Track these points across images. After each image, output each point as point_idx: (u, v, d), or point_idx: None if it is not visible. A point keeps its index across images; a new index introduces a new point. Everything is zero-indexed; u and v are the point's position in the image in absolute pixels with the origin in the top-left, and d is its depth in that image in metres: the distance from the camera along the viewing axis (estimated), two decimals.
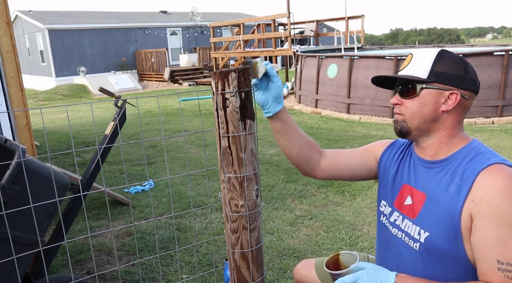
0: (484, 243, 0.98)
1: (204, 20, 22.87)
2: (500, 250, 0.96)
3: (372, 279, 1.03)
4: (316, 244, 2.98)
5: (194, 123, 8.45)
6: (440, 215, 1.08)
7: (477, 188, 1.02)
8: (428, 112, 1.11)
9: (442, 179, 1.11)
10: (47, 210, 1.87)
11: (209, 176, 4.72)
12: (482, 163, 1.05)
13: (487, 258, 0.98)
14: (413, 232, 1.15)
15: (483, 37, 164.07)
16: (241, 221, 1.15)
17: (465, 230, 1.03)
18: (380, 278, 1.03)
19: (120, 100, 2.58)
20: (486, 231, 0.98)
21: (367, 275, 1.03)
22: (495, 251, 0.96)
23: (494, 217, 0.97)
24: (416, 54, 1.15)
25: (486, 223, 0.98)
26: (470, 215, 1.02)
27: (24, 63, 21.21)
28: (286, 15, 11.66)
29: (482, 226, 0.99)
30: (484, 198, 0.99)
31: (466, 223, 1.03)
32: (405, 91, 1.14)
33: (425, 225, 1.11)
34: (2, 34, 3.99)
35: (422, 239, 1.12)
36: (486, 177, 1.01)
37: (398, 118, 1.16)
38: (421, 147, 1.19)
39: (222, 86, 1.07)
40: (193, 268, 2.71)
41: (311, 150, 1.33)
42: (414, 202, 1.17)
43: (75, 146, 6.58)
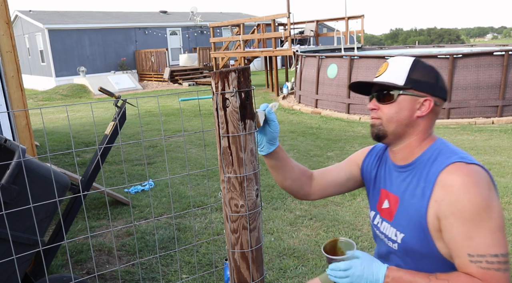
0: (454, 241, 1.06)
1: (204, 20, 22.87)
2: (467, 244, 1.03)
3: (365, 269, 1.10)
4: (316, 244, 2.98)
5: (194, 123, 8.45)
6: (410, 217, 1.15)
7: (438, 190, 1.09)
8: (404, 117, 1.17)
9: (410, 182, 1.18)
10: (47, 210, 1.87)
11: (209, 176, 4.72)
12: (442, 163, 1.11)
13: (459, 253, 1.05)
14: (391, 233, 1.23)
15: (483, 37, 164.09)
16: (241, 221, 1.15)
17: (434, 231, 1.10)
18: (372, 268, 1.10)
19: (120, 100, 2.58)
20: (453, 229, 1.05)
21: (360, 264, 1.10)
22: (464, 246, 1.04)
23: (456, 215, 1.04)
24: (392, 62, 1.21)
25: (451, 221, 1.05)
26: (437, 216, 1.08)
27: (24, 63, 21.21)
28: (286, 15, 11.66)
29: (448, 224, 1.06)
30: (445, 198, 1.06)
31: (433, 224, 1.10)
32: (382, 97, 1.19)
33: (400, 227, 1.19)
34: (2, 34, 3.99)
35: (399, 240, 1.19)
36: (445, 177, 1.08)
37: (376, 123, 1.21)
38: (393, 151, 1.25)
39: (222, 86, 1.07)
40: (193, 268, 2.71)
41: (303, 177, 1.39)
42: (390, 206, 1.24)
43: (75, 146, 6.58)
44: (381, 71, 1.21)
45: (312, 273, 2.61)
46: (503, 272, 1.02)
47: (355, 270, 1.10)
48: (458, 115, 7.48)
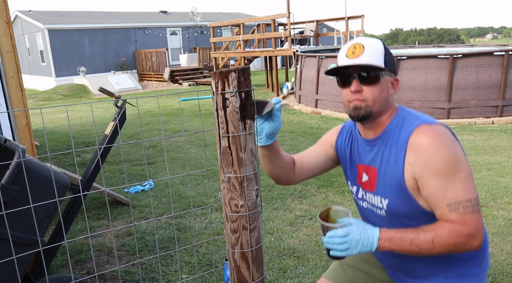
0: (432, 196, 1.17)
1: (204, 20, 22.86)
2: (444, 196, 1.15)
3: (362, 234, 1.17)
4: (316, 244, 2.98)
5: (194, 123, 8.45)
6: (390, 184, 1.25)
7: (409, 153, 1.20)
8: (384, 96, 1.25)
9: (383, 152, 1.27)
10: (47, 210, 1.87)
11: (209, 176, 4.72)
12: (409, 128, 1.22)
13: (439, 206, 1.17)
14: (376, 202, 1.32)
15: (483, 37, 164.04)
16: (241, 221, 1.15)
17: (413, 191, 1.21)
18: (367, 232, 1.18)
19: (120, 100, 2.58)
20: (429, 186, 1.17)
21: (357, 229, 1.17)
22: (442, 198, 1.16)
23: (429, 173, 1.16)
24: (366, 44, 1.25)
25: (426, 179, 1.17)
26: (413, 177, 1.19)
27: (24, 63, 21.21)
28: (286, 15, 11.66)
29: (424, 183, 1.17)
30: (417, 159, 1.17)
31: (412, 185, 1.21)
32: (367, 78, 1.23)
33: (383, 194, 1.29)
34: (2, 34, 3.99)
35: (385, 206, 1.29)
36: (414, 140, 1.19)
37: (361, 105, 1.24)
38: (365, 128, 1.32)
39: (222, 86, 1.07)
40: (193, 268, 2.71)
41: (289, 166, 1.45)
42: (370, 177, 1.33)
43: (75, 146, 6.58)
44: (358, 53, 1.23)
45: (312, 273, 2.61)
46: (478, 213, 1.15)
47: (353, 236, 1.16)
48: (458, 115, 7.48)
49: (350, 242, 1.16)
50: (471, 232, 1.13)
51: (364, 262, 1.56)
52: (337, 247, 1.17)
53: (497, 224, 3.19)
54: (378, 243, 1.17)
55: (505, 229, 3.10)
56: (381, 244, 1.18)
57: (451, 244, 1.14)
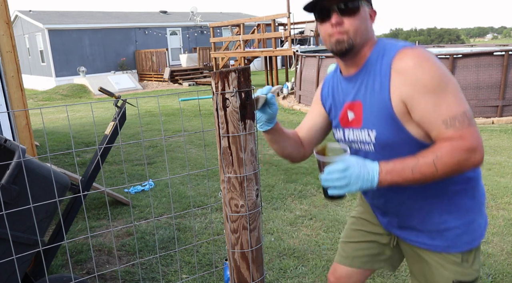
0: (425, 116, 1.13)
1: (204, 20, 22.86)
2: (439, 113, 1.11)
3: (361, 168, 1.11)
4: (316, 244, 2.98)
5: (194, 123, 8.45)
6: (377, 112, 1.21)
7: (395, 77, 1.15)
8: (365, 27, 1.23)
9: (367, 82, 1.23)
10: (47, 210, 1.87)
11: (209, 176, 4.72)
12: (390, 54, 1.18)
13: (435, 125, 1.12)
14: (364, 137, 1.27)
15: (483, 37, 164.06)
16: (241, 221, 1.15)
17: (402, 116, 1.17)
18: (367, 167, 1.12)
19: (120, 100, 2.58)
20: (421, 106, 1.13)
21: (357, 163, 1.12)
22: (436, 116, 1.11)
23: (420, 91, 1.12)
24: None
25: (417, 99, 1.13)
26: (402, 100, 1.15)
27: (24, 63, 21.21)
28: (286, 15, 11.66)
29: (416, 104, 1.13)
30: (405, 81, 1.13)
31: (400, 109, 1.16)
32: (346, 9, 1.20)
33: (370, 126, 1.24)
34: (2, 34, 3.99)
35: (373, 139, 1.25)
36: (398, 63, 1.15)
37: (343, 38, 1.21)
38: (347, 65, 1.29)
39: (222, 86, 1.07)
40: (193, 268, 2.71)
41: (297, 142, 1.45)
42: (356, 113, 1.28)
43: (75, 146, 6.58)
44: None
45: (312, 273, 2.61)
46: (473, 126, 1.11)
47: (353, 170, 1.10)
48: None
49: (350, 177, 1.10)
50: (472, 145, 1.08)
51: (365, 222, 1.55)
52: (336, 184, 1.11)
53: (497, 224, 3.19)
54: (379, 177, 1.11)
55: (505, 229, 3.10)
56: (382, 178, 1.11)
57: (454, 162, 1.08)
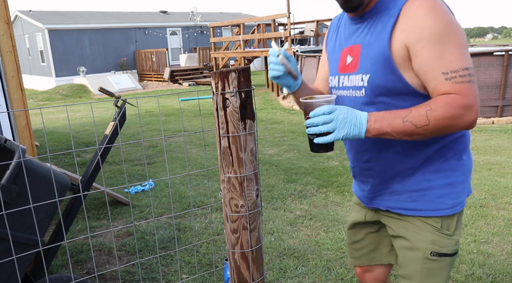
0: (426, 65, 1.08)
1: (204, 20, 22.86)
2: (440, 64, 1.06)
3: (349, 111, 1.08)
4: (316, 244, 2.98)
5: (194, 123, 8.45)
6: (373, 54, 1.16)
7: (403, 18, 1.10)
8: None
9: (372, 25, 1.19)
10: (47, 210, 1.87)
11: (209, 176, 4.72)
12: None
13: (433, 76, 1.08)
14: (357, 82, 1.22)
15: (483, 37, 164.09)
16: (241, 221, 1.15)
17: (401, 61, 1.11)
18: (355, 112, 1.09)
19: (120, 100, 2.58)
20: (423, 53, 1.08)
21: (343, 107, 1.09)
22: (437, 66, 1.07)
23: (426, 38, 1.07)
24: None
25: (421, 45, 1.08)
26: (405, 44, 1.10)
27: (24, 63, 21.21)
28: (286, 15, 11.66)
29: (419, 50, 1.08)
30: (413, 25, 1.08)
31: (401, 54, 1.11)
32: None
33: (365, 69, 1.19)
34: (2, 34, 3.99)
35: (366, 83, 1.19)
36: (410, 7, 1.10)
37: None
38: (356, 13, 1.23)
39: (222, 86, 1.07)
40: (193, 268, 2.71)
41: None
42: (353, 57, 1.24)
43: (75, 146, 6.58)
44: None
45: (312, 273, 2.61)
46: (473, 83, 1.07)
47: (339, 113, 1.07)
48: None
49: (336, 120, 1.06)
50: (468, 102, 1.05)
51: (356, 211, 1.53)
52: (322, 128, 1.08)
53: (497, 224, 3.19)
54: (367, 124, 1.08)
55: (505, 229, 3.10)
56: (371, 126, 1.08)
57: (447, 117, 1.04)
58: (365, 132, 1.08)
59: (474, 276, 2.49)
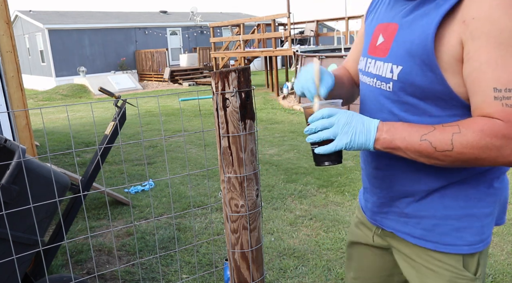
0: (478, 71, 0.81)
1: (204, 20, 22.86)
2: (497, 75, 0.78)
3: (354, 116, 0.90)
4: (316, 244, 2.98)
5: (194, 123, 8.45)
6: (412, 43, 0.89)
7: (469, 7, 0.81)
8: None
9: (420, 3, 0.91)
10: (47, 210, 1.87)
11: (209, 176, 4.72)
12: None
13: (482, 88, 0.81)
14: (384, 72, 0.97)
15: None
16: (241, 221, 1.15)
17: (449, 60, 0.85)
18: (362, 118, 0.90)
19: (120, 100, 2.58)
20: (481, 54, 0.80)
21: (345, 112, 0.90)
22: (491, 76, 0.79)
23: (490, 35, 0.79)
24: None
25: (480, 44, 0.80)
26: (461, 39, 0.83)
27: (24, 63, 21.22)
28: (286, 15, 11.66)
29: (476, 49, 0.81)
30: (480, 15, 0.80)
31: (452, 52, 0.84)
32: None
33: (397, 59, 0.93)
34: (2, 34, 3.99)
35: (395, 76, 0.94)
36: None
37: None
38: None
39: (222, 86, 1.07)
40: (193, 268, 2.71)
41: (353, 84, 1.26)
42: (386, 38, 0.98)
43: (75, 146, 6.58)
44: None
45: (312, 273, 2.61)
46: None
47: (341, 116, 0.89)
48: None
49: (337, 125, 0.89)
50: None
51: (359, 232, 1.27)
52: (321, 135, 0.91)
53: None
54: (377, 133, 0.88)
55: (505, 229, 3.10)
56: (381, 135, 0.87)
57: (480, 145, 0.80)
58: (374, 142, 0.88)
59: None
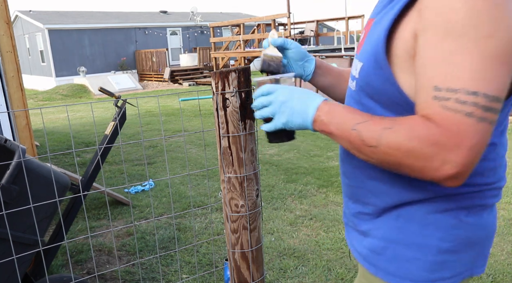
0: (423, 67, 0.68)
1: (204, 20, 22.87)
2: (441, 72, 0.65)
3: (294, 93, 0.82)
4: (316, 244, 2.98)
5: (194, 123, 8.45)
6: (375, 37, 0.78)
7: None
8: None
9: None
10: (47, 210, 1.87)
11: (209, 176, 4.72)
12: None
13: (424, 85, 0.68)
14: (354, 69, 0.88)
15: None
16: (241, 221, 1.15)
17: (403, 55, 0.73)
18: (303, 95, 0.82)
19: (120, 100, 2.58)
20: (428, 49, 0.68)
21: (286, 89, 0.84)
22: (434, 73, 0.66)
23: (439, 26, 0.66)
24: None
25: (428, 37, 0.67)
26: (415, 33, 0.70)
27: (24, 63, 21.22)
28: (286, 15, 11.66)
29: (424, 43, 0.68)
30: (431, 3, 0.67)
31: (405, 46, 0.72)
32: None
33: (363, 56, 0.83)
34: (2, 34, 3.99)
35: (357, 74, 0.85)
36: None
37: None
38: None
39: (222, 86, 1.07)
40: (193, 268, 2.71)
41: None
42: (363, 34, 0.89)
43: (75, 146, 6.58)
44: None
45: (312, 273, 2.61)
46: (477, 121, 0.63)
47: (279, 94, 0.83)
48: None
49: (274, 103, 0.83)
50: (449, 143, 0.63)
51: None
52: (262, 113, 0.86)
53: (497, 224, 3.19)
54: (315, 114, 0.79)
55: (505, 229, 3.10)
56: (318, 117, 0.79)
57: (405, 148, 0.67)
58: (312, 123, 0.81)
59: None
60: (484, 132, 0.64)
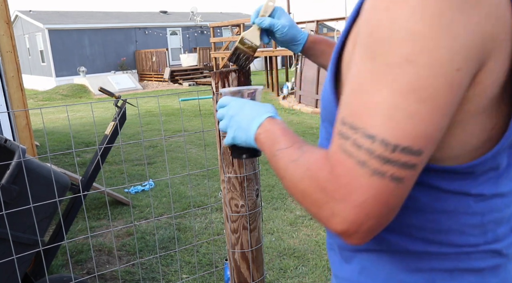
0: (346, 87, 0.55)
1: (204, 20, 22.87)
2: (352, 101, 0.52)
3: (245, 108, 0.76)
4: (316, 244, 2.98)
5: (194, 123, 8.45)
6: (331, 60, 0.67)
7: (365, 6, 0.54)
8: None
9: None
10: (47, 210, 1.87)
11: (209, 176, 4.72)
12: None
13: (338, 113, 0.55)
14: None
15: None
16: (241, 221, 1.15)
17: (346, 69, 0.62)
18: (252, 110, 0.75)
19: (120, 100, 2.58)
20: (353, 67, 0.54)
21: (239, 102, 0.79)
22: (347, 101, 0.53)
23: (362, 42, 0.53)
24: None
25: (356, 53, 0.54)
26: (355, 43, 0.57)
27: (24, 63, 21.22)
28: None
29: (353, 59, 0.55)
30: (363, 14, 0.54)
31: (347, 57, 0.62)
32: None
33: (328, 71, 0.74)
34: (2, 34, 3.99)
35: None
36: None
37: None
38: None
39: (222, 86, 1.07)
40: (193, 268, 2.71)
41: None
42: None
43: (75, 146, 6.58)
44: None
45: (312, 273, 2.61)
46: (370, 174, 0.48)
47: (230, 107, 0.79)
48: None
49: (226, 116, 0.79)
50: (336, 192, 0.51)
51: None
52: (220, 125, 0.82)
53: None
54: (257, 131, 0.71)
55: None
56: (259, 135, 0.70)
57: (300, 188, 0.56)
58: (254, 140, 0.72)
59: None
60: (383, 189, 0.48)
